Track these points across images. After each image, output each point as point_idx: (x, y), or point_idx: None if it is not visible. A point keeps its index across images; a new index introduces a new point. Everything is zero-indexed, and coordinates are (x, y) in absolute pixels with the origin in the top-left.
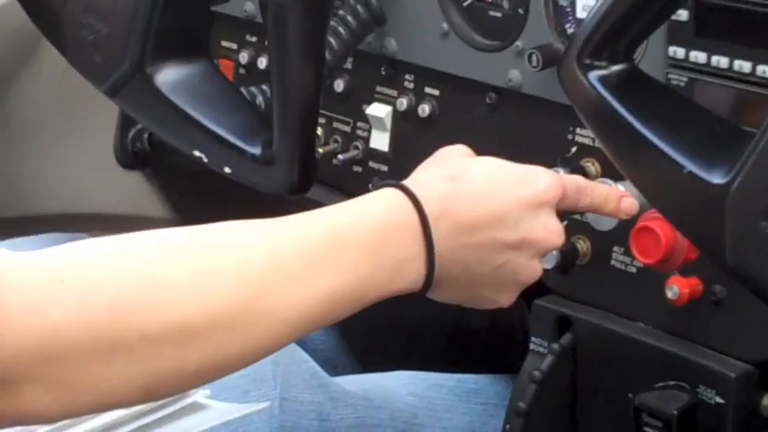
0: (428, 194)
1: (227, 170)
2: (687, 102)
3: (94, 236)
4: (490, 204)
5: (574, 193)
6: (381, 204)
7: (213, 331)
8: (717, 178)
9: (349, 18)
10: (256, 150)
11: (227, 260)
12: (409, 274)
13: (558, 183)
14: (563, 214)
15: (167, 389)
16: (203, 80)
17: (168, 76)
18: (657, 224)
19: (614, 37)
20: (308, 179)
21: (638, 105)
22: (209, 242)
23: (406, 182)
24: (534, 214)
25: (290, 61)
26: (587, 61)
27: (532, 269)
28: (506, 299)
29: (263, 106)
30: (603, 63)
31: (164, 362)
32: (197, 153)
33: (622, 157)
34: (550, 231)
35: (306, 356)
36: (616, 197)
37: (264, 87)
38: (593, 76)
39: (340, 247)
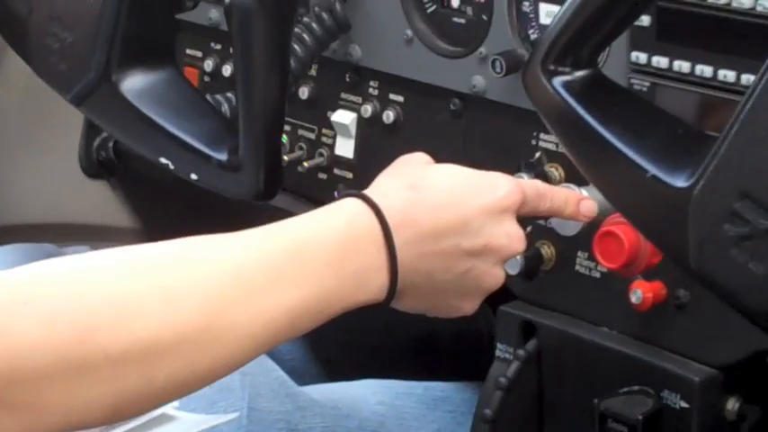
0: (390, 203)
1: (193, 176)
2: (650, 106)
3: (60, 246)
4: (452, 212)
5: (534, 198)
6: (343, 215)
7: (179, 349)
8: (680, 182)
9: (314, 25)
10: (222, 157)
11: (191, 277)
12: (373, 285)
13: (517, 188)
14: (526, 220)
15: (135, 408)
16: (169, 87)
17: (134, 84)
18: (621, 229)
19: (578, 43)
20: (274, 185)
21: (601, 110)
22: (173, 259)
23: (367, 191)
24: (496, 221)
25: (255, 67)
26: (551, 67)
27: (495, 276)
28: (470, 306)
29: (228, 114)
30: (567, 69)
31: (130, 381)
32: (163, 160)
33: (586, 162)
34: (512, 237)
35: (274, 366)
36: (575, 200)
37: (230, 95)
38: (558, 81)
39: (302, 259)
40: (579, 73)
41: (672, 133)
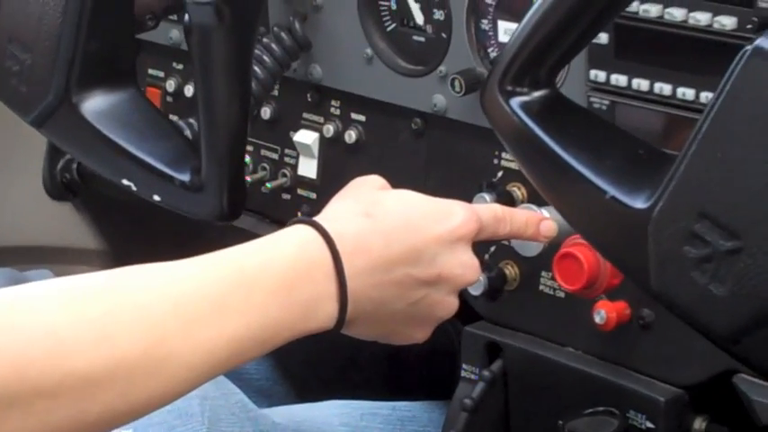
0: (342, 231)
1: (156, 198)
2: (610, 127)
3: (23, 269)
4: (405, 241)
5: (492, 224)
6: (292, 242)
7: (113, 382)
8: (639, 203)
9: (273, 45)
10: (185, 177)
11: (128, 306)
12: (322, 313)
13: (473, 217)
14: (487, 242)
15: None
16: (130, 108)
17: (94, 105)
18: (579, 250)
19: (535, 63)
20: (237, 205)
21: (560, 131)
22: (109, 289)
23: (318, 218)
24: (450, 250)
25: (216, 86)
26: (509, 88)
27: (448, 304)
28: (421, 334)
29: (190, 138)
30: (525, 89)
31: (61, 416)
32: (125, 181)
33: (545, 184)
34: (466, 267)
35: (235, 389)
36: (535, 221)
37: (192, 121)
38: (515, 102)
39: (247, 288)
40: (537, 93)
41: (631, 154)
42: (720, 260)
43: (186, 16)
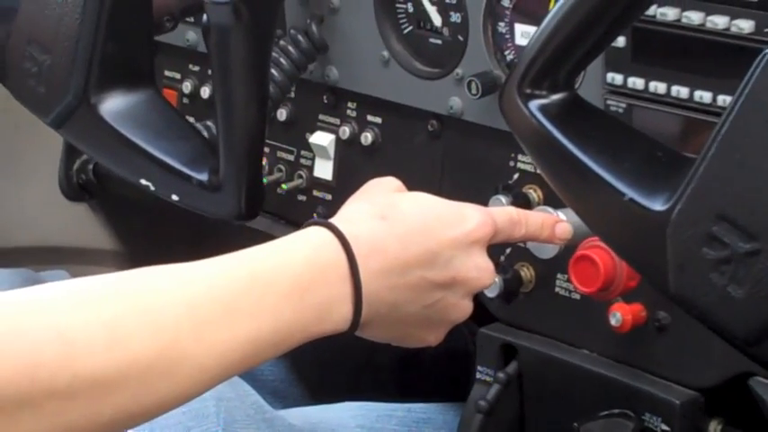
0: (357, 233)
1: (174, 197)
2: (628, 129)
3: (38, 270)
4: (420, 244)
5: (507, 227)
6: (307, 244)
7: (126, 383)
8: (657, 205)
9: (290, 48)
10: (203, 177)
11: (140, 308)
12: (336, 316)
13: (488, 220)
14: (503, 244)
15: None
16: (148, 108)
17: (113, 106)
18: (596, 252)
19: (554, 66)
20: (255, 205)
21: (578, 134)
22: (121, 291)
23: (333, 220)
24: (465, 253)
25: (234, 86)
26: (528, 91)
27: (463, 308)
28: (435, 338)
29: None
30: (544, 92)
31: (73, 417)
32: (144, 181)
33: (563, 186)
34: (481, 270)
35: (250, 390)
36: (551, 223)
37: (209, 123)
38: (534, 105)
39: (260, 291)
40: (556, 96)
41: (650, 156)
42: (739, 262)
43: (204, 17)
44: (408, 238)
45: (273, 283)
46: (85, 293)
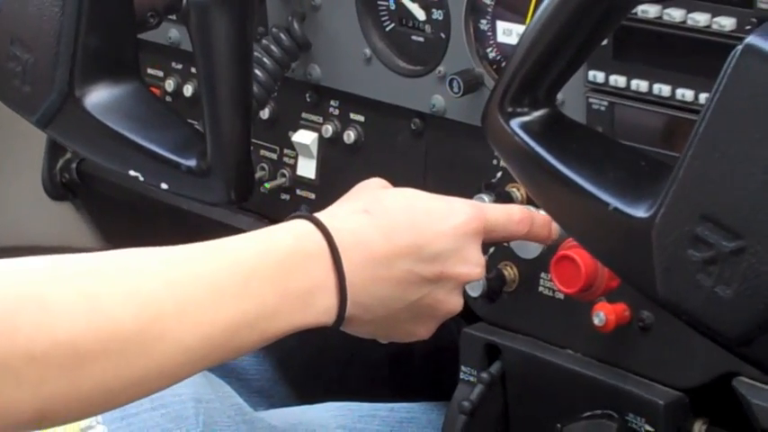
0: (340, 226)
1: (163, 186)
2: (611, 142)
3: None
4: (406, 236)
5: (503, 224)
6: (289, 234)
7: (106, 355)
8: (641, 212)
9: (272, 47)
10: (191, 163)
11: (122, 284)
12: (320, 305)
13: (478, 214)
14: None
15: (62, 414)
16: (134, 100)
17: (99, 99)
18: (577, 252)
19: (533, 83)
20: (245, 188)
21: (561, 148)
22: (103, 266)
23: (317, 214)
24: (453, 247)
25: (217, 64)
26: (509, 109)
27: (452, 303)
28: (424, 331)
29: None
30: (525, 109)
31: (55, 385)
32: (132, 172)
33: (548, 200)
34: (470, 264)
35: (231, 392)
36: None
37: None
38: (516, 123)
39: (243, 275)
40: (537, 113)
41: (633, 166)
42: (725, 261)
43: None
44: (393, 231)
45: (257, 269)
46: (69, 267)
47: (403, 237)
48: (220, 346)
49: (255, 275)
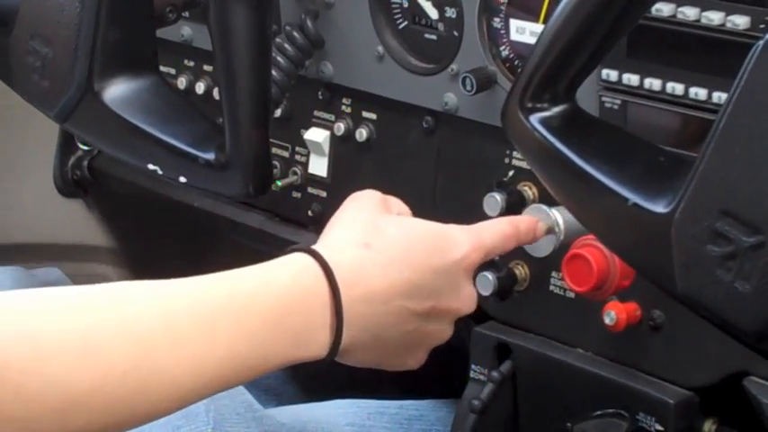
0: (339, 260)
1: (182, 179)
2: (631, 137)
3: (30, 268)
4: (404, 273)
5: (500, 244)
6: (288, 270)
7: (99, 393)
8: (661, 207)
9: (286, 45)
10: (210, 156)
11: (116, 319)
12: (314, 343)
13: (478, 245)
14: None
15: None
16: (152, 94)
17: (117, 93)
18: (589, 251)
19: (553, 78)
20: (263, 181)
21: (580, 144)
22: (98, 302)
23: (316, 246)
24: (448, 283)
25: (236, 57)
26: (529, 104)
27: (441, 333)
28: (413, 362)
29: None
30: (545, 105)
31: (44, 425)
32: (151, 166)
33: (567, 196)
34: (464, 299)
35: (241, 389)
36: (534, 227)
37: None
38: (535, 118)
39: (238, 313)
40: (557, 108)
41: (652, 161)
42: (744, 256)
43: None
44: (391, 266)
45: (252, 305)
46: (60, 301)
47: (399, 273)
48: (211, 381)
49: (250, 314)
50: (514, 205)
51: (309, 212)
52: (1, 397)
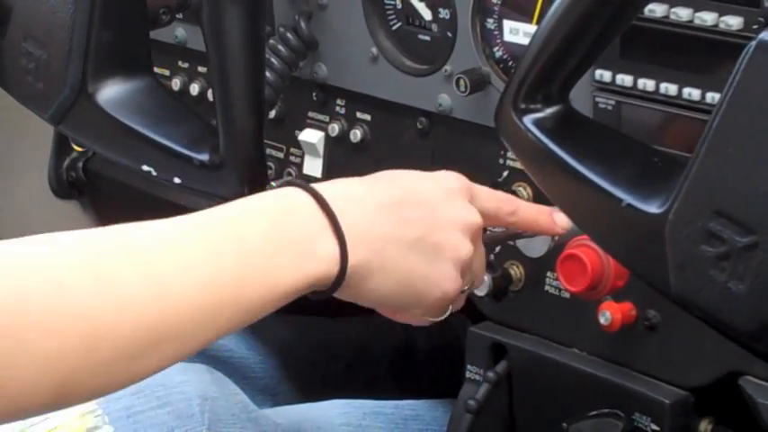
0: (321, 187)
1: (176, 180)
2: (624, 138)
3: None
4: (391, 188)
5: (490, 198)
6: (270, 194)
7: (122, 322)
8: (654, 208)
9: (280, 47)
10: (204, 157)
11: (123, 248)
12: (320, 250)
13: (461, 177)
14: (493, 243)
15: (80, 392)
16: (146, 95)
17: (111, 95)
18: (583, 251)
19: (546, 79)
20: (258, 181)
21: (574, 145)
22: (104, 235)
23: None
24: (438, 195)
25: (230, 55)
26: (522, 105)
27: (459, 244)
28: (446, 278)
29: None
30: (539, 106)
31: (73, 360)
32: (145, 167)
33: (561, 196)
34: (461, 209)
35: (236, 389)
36: (547, 210)
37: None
38: (529, 119)
39: (236, 231)
40: (550, 109)
41: (646, 162)
42: (738, 256)
43: None
44: (376, 183)
45: (248, 224)
46: (72, 237)
47: (387, 188)
48: (232, 305)
49: (248, 230)
50: None
51: None
52: (27, 335)
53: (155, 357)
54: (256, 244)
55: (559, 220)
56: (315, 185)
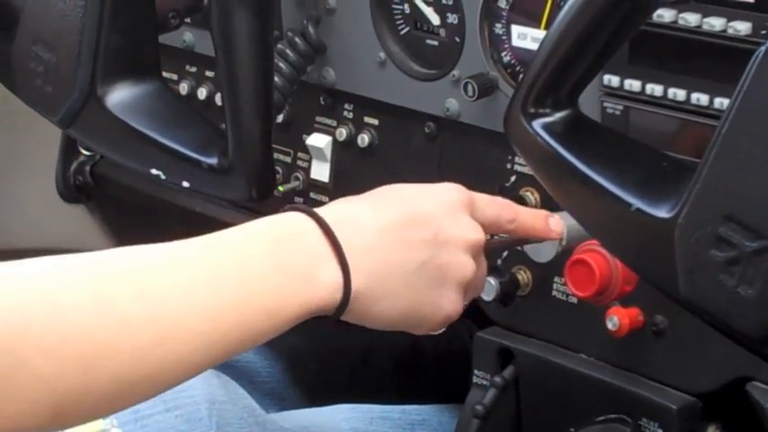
0: (324, 211)
1: (185, 184)
2: (633, 143)
3: None
4: (395, 207)
5: (489, 204)
6: (273, 219)
7: (119, 345)
8: (664, 212)
9: (288, 51)
10: (213, 161)
11: (124, 271)
12: (324, 278)
13: (461, 188)
14: (500, 248)
15: (77, 413)
16: (155, 99)
17: (120, 98)
18: (591, 256)
19: (556, 84)
20: (266, 185)
21: (583, 150)
22: (107, 258)
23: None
24: (442, 212)
25: (238, 60)
26: (532, 110)
27: (462, 265)
28: (450, 303)
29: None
30: (548, 110)
31: (71, 381)
32: (154, 171)
33: (571, 201)
34: (465, 227)
35: (244, 394)
36: (543, 215)
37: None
38: (538, 124)
39: (238, 256)
40: (559, 114)
41: (655, 167)
42: (747, 261)
43: None
44: (380, 203)
45: (250, 248)
46: (74, 260)
47: (390, 209)
48: (232, 331)
49: (250, 254)
50: None
51: None
52: (26, 355)
53: (153, 380)
54: (258, 269)
55: (554, 224)
56: (318, 210)
